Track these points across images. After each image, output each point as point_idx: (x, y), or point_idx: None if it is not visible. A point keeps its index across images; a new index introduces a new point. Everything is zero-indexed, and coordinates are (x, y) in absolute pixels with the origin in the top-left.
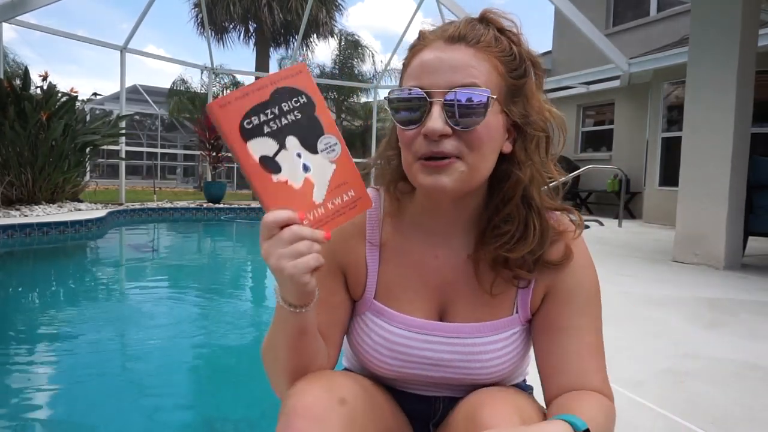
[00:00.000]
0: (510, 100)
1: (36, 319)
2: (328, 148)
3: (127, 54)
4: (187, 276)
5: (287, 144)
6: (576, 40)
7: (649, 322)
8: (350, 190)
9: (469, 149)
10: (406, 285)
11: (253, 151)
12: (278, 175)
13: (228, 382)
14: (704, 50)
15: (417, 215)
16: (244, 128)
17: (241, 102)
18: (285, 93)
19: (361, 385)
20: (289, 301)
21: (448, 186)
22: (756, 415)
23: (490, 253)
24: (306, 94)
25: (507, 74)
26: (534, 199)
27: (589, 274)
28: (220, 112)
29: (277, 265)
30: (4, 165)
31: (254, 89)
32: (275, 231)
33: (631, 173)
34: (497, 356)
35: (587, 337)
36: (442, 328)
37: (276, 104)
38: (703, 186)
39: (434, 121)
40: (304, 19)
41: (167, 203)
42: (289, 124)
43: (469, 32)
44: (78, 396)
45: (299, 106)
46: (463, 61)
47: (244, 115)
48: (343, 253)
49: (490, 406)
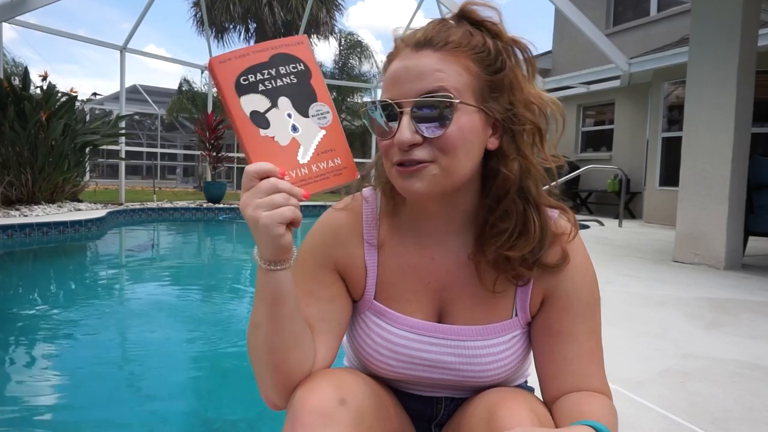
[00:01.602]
0: (488, 97)
1: (36, 319)
2: (320, 114)
3: (126, 54)
4: (187, 276)
5: (279, 103)
6: (576, 40)
7: (649, 322)
8: (337, 158)
9: (443, 153)
10: (405, 286)
11: (244, 105)
12: (266, 131)
13: (227, 382)
14: (704, 50)
15: (411, 216)
16: (239, 83)
17: (240, 60)
18: (284, 58)
19: (369, 385)
20: (264, 257)
21: (421, 189)
22: (756, 415)
23: (491, 253)
24: (304, 63)
25: (482, 71)
26: (531, 193)
27: (588, 278)
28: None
29: (253, 215)
30: (3, 165)
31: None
32: (255, 182)
33: (631, 173)
34: (498, 359)
35: (587, 342)
36: (444, 330)
37: (274, 66)
38: (704, 186)
39: (402, 132)
40: (304, 18)
41: (167, 203)
42: (283, 85)
43: (436, 35)
44: (77, 396)
45: (296, 72)
46: (428, 67)
47: (242, 72)
48: (341, 254)
49: (505, 407)
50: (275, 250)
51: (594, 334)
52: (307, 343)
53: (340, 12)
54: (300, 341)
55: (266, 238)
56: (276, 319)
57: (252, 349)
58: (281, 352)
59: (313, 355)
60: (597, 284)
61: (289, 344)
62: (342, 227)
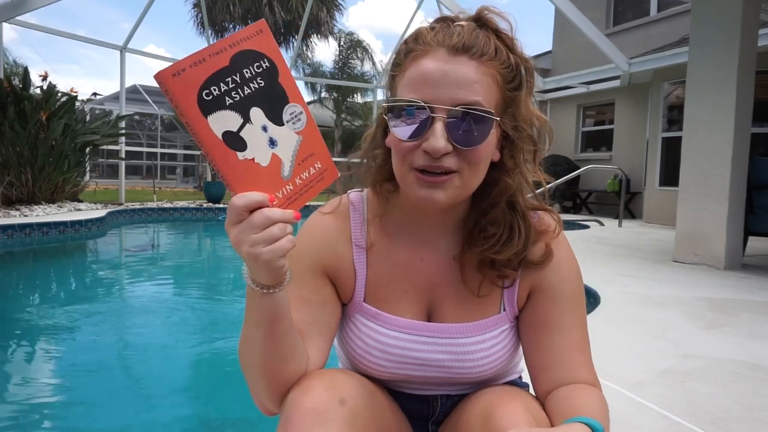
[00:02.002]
0: (504, 112)
1: (36, 319)
2: (294, 118)
3: (127, 54)
4: (187, 276)
5: (252, 117)
6: (576, 40)
7: (649, 322)
8: (317, 162)
9: (468, 165)
10: (395, 286)
11: (214, 126)
12: (244, 153)
13: (227, 382)
14: (704, 50)
15: (402, 218)
16: (203, 100)
17: (197, 69)
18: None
19: (363, 385)
20: (260, 282)
21: (443, 201)
22: (756, 415)
23: (476, 255)
24: (268, 58)
25: (504, 86)
26: (519, 203)
27: (573, 271)
28: (174, 83)
29: (252, 252)
30: (3, 165)
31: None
32: (245, 215)
33: (631, 173)
34: (488, 354)
35: (574, 333)
36: (432, 328)
37: (237, 71)
38: (704, 186)
39: (437, 140)
40: (304, 18)
41: (167, 203)
42: (252, 93)
43: (474, 43)
44: (77, 396)
45: (262, 72)
46: (467, 77)
47: (202, 85)
48: (331, 258)
49: (502, 407)
50: (274, 277)
51: (580, 325)
52: (301, 353)
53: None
54: (295, 353)
55: (266, 270)
56: (272, 338)
57: (245, 364)
58: (277, 366)
59: (306, 362)
60: (581, 278)
61: (285, 359)
62: (330, 230)
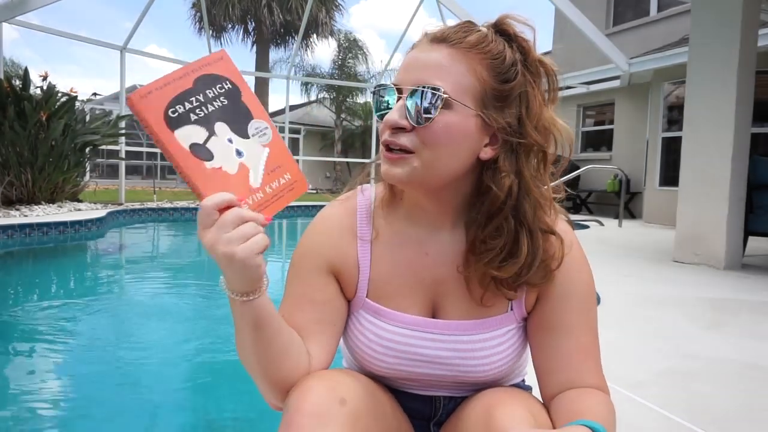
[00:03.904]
0: (490, 105)
1: (35, 319)
2: (259, 132)
3: (126, 54)
4: (187, 276)
5: (216, 130)
6: (576, 40)
7: (649, 322)
8: (286, 174)
9: (425, 145)
10: (399, 282)
11: (181, 139)
12: (212, 162)
13: (228, 381)
14: (704, 50)
15: (407, 211)
16: (169, 117)
17: (163, 91)
18: (208, 80)
19: (364, 385)
20: (237, 290)
21: (399, 177)
22: (756, 415)
23: (479, 269)
24: (230, 81)
25: (491, 78)
26: (527, 216)
27: (584, 274)
28: (142, 103)
29: (227, 251)
30: (3, 165)
31: (175, 78)
32: (215, 216)
33: (631, 173)
34: (493, 353)
35: (583, 336)
36: (437, 325)
37: (200, 91)
38: (704, 186)
39: (392, 113)
40: (303, 19)
41: (167, 203)
42: (215, 110)
43: (454, 34)
44: (78, 396)
45: (224, 92)
46: (435, 61)
47: (168, 104)
48: (335, 253)
49: (503, 408)
50: (251, 281)
51: (590, 329)
52: (297, 351)
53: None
54: (289, 351)
55: (243, 271)
56: (261, 341)
57: (243, 363)
58: (272, 366)
59: (306, 358)
60: (593, 282)
61: (279, 357)
62: (334, 227)
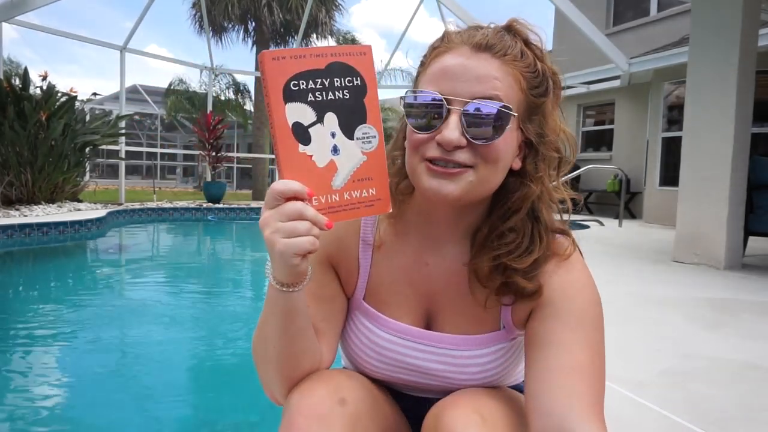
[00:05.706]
0: (527, 117)
1: (35, 319)
2: (365, 137)
3: (126, 54)
4: (187, 276)
5: (325, 119)
6: (576, 40)
7: (649, 322)
8: (372, 188)
9: (484, 161)
10: (396, 289)
11: (289, 114)
12: (305, 147)
13: (229, 382)
14: (704, 50)
15: (414, 219)
16: (288, 88)
17: (295, 62)
18: (341, 69)
19: (364, 386)
20: (278, 279)
21: (453, 193)
22: (756, 415)
23: (489, 261)
24: (362, 77)
25: (528, 91)
26: (542, 214)
27: (586, 291)
28: (271, 65)
29: (270, 238)
30: (3, 165)
31: (312, 54)
32: (280, 201)
33: (631, 173)
34: (484, 369)
35: (578, 354)
36: (429, 336)
37: (328, 76)
38: (704, 186)
39: (451, 131)
40: (303, 18)
41: (167, 203)
42: (334, 100)
43: (497, 42)
44: (77, 396)
45: (351, 87)
46: (487, 72)
47: (293, 76)
48: (336, 248)
49: (449, 412)
50: (289, 276)
51: (587, 346)
52: (316, 350)
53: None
54: (310, 351)
55: (280, 263)
56: (288, 335)
57: (259, 356)
58: (292, 362)
59: (320, 358)
60: (598, 301)
61: (300, 354)
62: (339, 223)
